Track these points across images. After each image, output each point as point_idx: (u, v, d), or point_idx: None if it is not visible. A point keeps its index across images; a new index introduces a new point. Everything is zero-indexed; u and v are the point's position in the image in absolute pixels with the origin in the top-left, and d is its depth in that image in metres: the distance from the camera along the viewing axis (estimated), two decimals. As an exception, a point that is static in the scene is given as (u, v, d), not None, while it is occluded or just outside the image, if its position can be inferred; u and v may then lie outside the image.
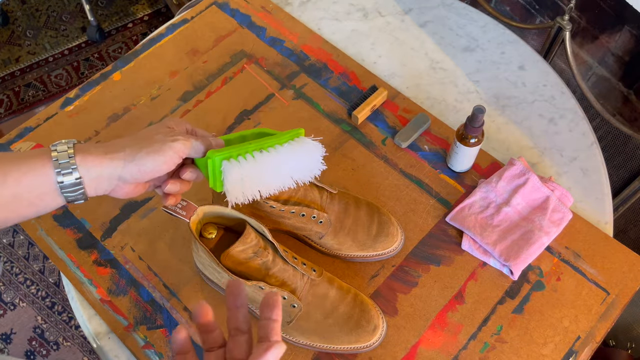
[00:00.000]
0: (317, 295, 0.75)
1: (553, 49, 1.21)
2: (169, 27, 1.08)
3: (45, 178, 0.53)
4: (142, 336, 0.80)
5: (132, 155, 0.55)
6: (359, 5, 1.10)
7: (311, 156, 0.63)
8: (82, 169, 0.54)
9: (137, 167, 0.55)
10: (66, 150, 0.54)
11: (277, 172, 0.60)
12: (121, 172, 0.55)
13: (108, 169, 0.55)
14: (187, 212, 0.69)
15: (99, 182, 0.55)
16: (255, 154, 0.59)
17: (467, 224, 0.83)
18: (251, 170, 0.58)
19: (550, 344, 0.77)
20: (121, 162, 0.55)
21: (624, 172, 1.29)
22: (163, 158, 0.56)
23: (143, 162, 0.55)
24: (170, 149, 0.56)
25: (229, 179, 0.58)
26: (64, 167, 0.53)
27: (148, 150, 0.55)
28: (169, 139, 0.57)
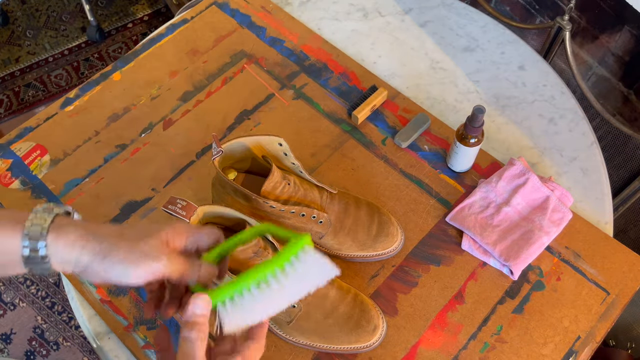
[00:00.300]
0: (317, 295, 0.75)
1: (553, 49, 1.21)
2: (169, 27, 1.08)
3: (12, 248, 0.50)
4: (142, 336, 0.80)
5: (103, 254, 0.50)
6: (359, 5, 1.10)
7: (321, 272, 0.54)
8: (51, 249, 0.50)
9: (102, 269, 0.50)
10: (41, 225, 0.50)
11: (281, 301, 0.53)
12: (86, 265, 0.51)
13: (76, 257, 0.50)
14: (187, 212, 0.69)
15: (65, 265, 0.51)
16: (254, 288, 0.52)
17: (467, 224, 0.83)
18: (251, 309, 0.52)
19: (550, 344, 0.77)
20: (90, 255, 0.50)
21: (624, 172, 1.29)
22: (134, 272, 0.50)
23: (111, 267, 0.50)
24: (146, 266, 0.50)
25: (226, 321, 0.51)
26: (32, 244, 0.50)
27: (121, 258, 0.50)
28: (152, 255, 0.51)
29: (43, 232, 0.50)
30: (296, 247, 0.53)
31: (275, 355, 0.77)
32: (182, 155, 0.94)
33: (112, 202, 0.90)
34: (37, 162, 0.94)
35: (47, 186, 0.92)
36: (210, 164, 0.93)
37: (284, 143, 0.77)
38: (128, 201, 0.90)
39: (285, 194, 0.78)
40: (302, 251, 0.53)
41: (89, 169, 0.93)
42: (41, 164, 0.94)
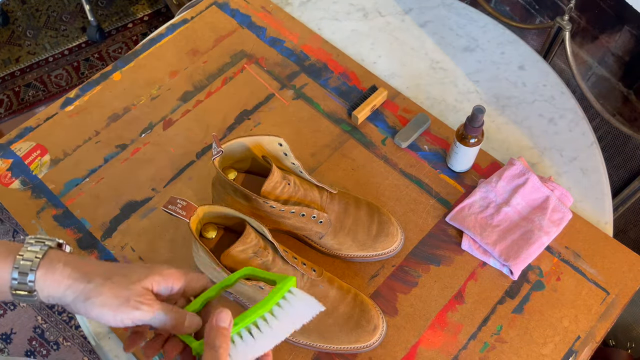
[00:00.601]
0: (317, 295, 0.75)
1: (553, 49, 1.21)
2: (169, 27, 1.08)
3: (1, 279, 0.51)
4: (142, 336, 0.80)
5: (85, 296, 0.51)
6: (359, 5, 1.10)
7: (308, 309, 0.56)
8: (39, 284, 0.51)
9: (83, 309, 0.52)
10: (32, 260, 0.51)
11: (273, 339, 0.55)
12: (69, 303, 0.52)
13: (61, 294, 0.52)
14: (187, 212, 0.69)
15: (50, 299, 0.53)
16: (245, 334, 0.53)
17: (467, 224, 0.83)
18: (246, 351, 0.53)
19: (550, 343, 0.77)
20: (73, 294, 0.52)
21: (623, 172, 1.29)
22: (113, 319, 0.51)
23: (91, 309, 0.51)
24: (125, 313, 0.51)
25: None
26: (22, 278, 0.51)
27: (104, 301, 0.51)
28: (132, 302, 0.51)
29: (33, 267, 0.51)
30: (282, 291, 0.56)
31: (275, 355, 0.77)
32: (182, 155, 0.94)
33: (112, 202, 0.90)
34: (37, 162, 0.94)
35: (47, 186, 0.92)
36: (210, 164, 0.93)
37: (284, 143, 0.77)
38: (128, 201, 0.90)
39: (285, 194, 0.78)
40: (289, 293, 0.56)
41: (89, 169, 0.93)
42: (41, 164, 0.94)
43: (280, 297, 0.56)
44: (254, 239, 0.72)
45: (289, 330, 0.54)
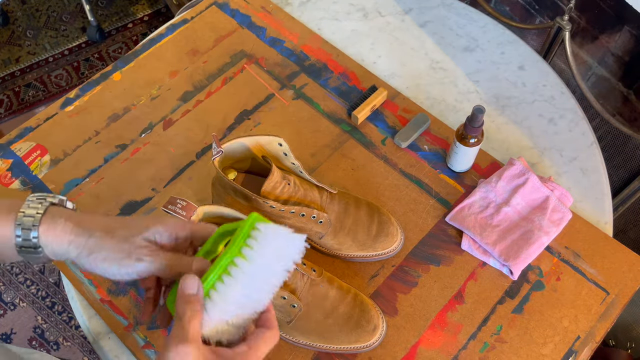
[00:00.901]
0: (317, 295, 0.75)
1: (553, 49, 1.21)
2: (169, 27, 1.08)
3: (5, 236, 0.51)
4: (142, 336, 0.80)
5: (88, 250, 0.51)
6: (359, 5, 1.10)
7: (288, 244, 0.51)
8: (42, 240, 0.51)
9: (88, 264, 0.52)
10: (33, 216, 0.51)
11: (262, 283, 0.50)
12: (74, 258, 0.52)
13: (65, 251, 0.52)
14: (187, 212, 0.69)
15: (57, 256, 0.53)
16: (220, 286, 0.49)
17: (466, 224, 0.83)
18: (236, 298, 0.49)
19: (550, 343, 0.77)
20: (77, 250, 0.51)
21: (623, 172, 1.29)
22: (117, 271, 0.51)
23: (95, 264, 0.51)
24: (128, 267, 0.51)
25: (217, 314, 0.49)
26: (25, 234, 0.51)
27: (106, 255, 0.51)
28: (134, 255, 0.51)
29: (35, 222, 0.51)
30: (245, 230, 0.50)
31: (275, 355, 0.77)
32: (182, 155, 0.94)
33: (112, 202, 0.90)
34: (37, 162, 0.94)
35: (47, 186, 0.92)
36: (210, 164, 0.93)
37: (284, 143, 0.77)
38: (128, 201, 0.90)
39: (285, 194, 0.78)
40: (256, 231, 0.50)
41: (89, 169, 0.93)
42: (41, 164, 0.94)
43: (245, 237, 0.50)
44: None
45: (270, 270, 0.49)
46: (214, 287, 0.49)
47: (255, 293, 0.50)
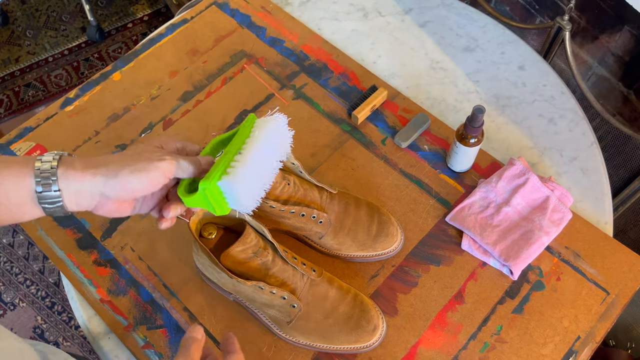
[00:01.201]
0: (317, 295, 0.75)
1: (553, 49, 1.21)
2: (169, 27, 1.08)
3: (24, 186, 0.51)
4: (142, 336, 0.80)
5: (115, 172, 0.53)
6: (359, 5, 1.10)
7: (280, 130, 0.60)
8: (62, 182, 0.52)
9: (120, 185, 0.53)
10: (50, 161, 0.52)
11: (265, 163, 0.58)
12: (103, 188, 0.53)
13: (89, 184, 0.53)
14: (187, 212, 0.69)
15: (79, 197, 0.53)
16: (237, 159, 0.56)
17: (467, 224, 0.83)
18: (245, 176, 0.55)
19: (550, 344, 0.77)
20: (103, 178, 0.53)
21: (624, 172, 1.29)
22: (147, 177, 0.53)
23: (127, 179, 0.53)
24: (155, 169, 0.54)
25: (233, 196, 0.55)
26: (44, 178, 0.51)
27: (132, 168, 0.53)
28: (155, 158, 0.54)
29: (53, 167, 0.52)
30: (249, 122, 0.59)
31: (275, 355, 0.77)
32: (182, 155, 0.94)
33: (112, 202, 0.90)
34: (37, 162, 0.94)
35: (47, 186, 0.92)
36: (210, 164, 0.93)
37: (284, 143, 0.77)
38: (128, 201, 0.90)
39: (285, 194, 0.78)
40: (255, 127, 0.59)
41: (89, 169, 0.93)
42: (41, 164, 0.94)
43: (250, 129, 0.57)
44: (253, 239, 0.72)
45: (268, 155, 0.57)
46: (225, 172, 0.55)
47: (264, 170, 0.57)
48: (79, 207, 0.54)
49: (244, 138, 0.58)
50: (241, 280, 0.70)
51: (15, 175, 0.51)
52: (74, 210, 0.54)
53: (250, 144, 0.57)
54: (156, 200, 0.60)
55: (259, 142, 0.57)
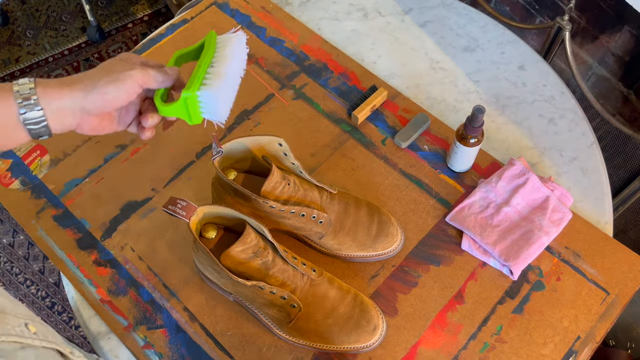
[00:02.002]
0: (317, 295, 0.75)
1: (553, 49, 1.21)
2: (169, 28, 1.08)
3: (8, 111, 0.53)
4: (142, 336, 0.80)
5: (92, 85, 0.55)
6: (359, 5, 1.10)
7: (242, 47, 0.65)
8: (43, 102, 0.53)
9: (99, 96, 0.55)
10: (27, 83, 0.54)
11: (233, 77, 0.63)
12: (82, 102, 0.55)
13: (69, 100, 0.54)
14: (187, 212, 0.69)
15: (61, 116, 0.55)
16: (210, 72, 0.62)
17: (467, 224, 0.83)
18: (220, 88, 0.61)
19: (550, 344, 0.77)
20: (81, 92, 0.55)
21: (624, 172, 1.29)
22: (124, 86, 0.56)
23: (104, 90, 0.55)
24: (129, 78, 0.56)
25: (209, 106, 0.61)
26: (26, 99, 0.53)
27: (107, 79, 0.56)
28: (127, 68, 0.57)
29: (31, 88, 0.53)
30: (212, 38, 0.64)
31: (275, 355, 0.77)
32: (182, 155, 0.94)
33: (112, 202, 0.90)
34: (37, 162, 0.94)
35: (47, 186, 0.92)
36: (210, 164, 0.93)
37: (283, 143, 0.77)
38: (128, 201, 0.90)
39: (285, 194, 0.78)
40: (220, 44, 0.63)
41: (89, 169, 0.93)
42: (41, 164, 0.94)
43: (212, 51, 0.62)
44: (253, 239, 0.72)
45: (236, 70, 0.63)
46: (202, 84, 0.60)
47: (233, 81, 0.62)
48: (63, 126, 0.55)
49: (211, 53, 0.62)
50: (241, 280, 0.70)
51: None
52: (58, 131, 0.55)
53: (220, 60, 0.62)
54: (133, 115, 0.63)
55: (228, 58, 0.62)
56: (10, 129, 0.54)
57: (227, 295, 0.79)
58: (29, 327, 0.44)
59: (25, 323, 0.44)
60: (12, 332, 0.42)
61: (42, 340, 0.45)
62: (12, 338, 0.42)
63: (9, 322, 0.43)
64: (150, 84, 0.59)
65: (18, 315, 0.45)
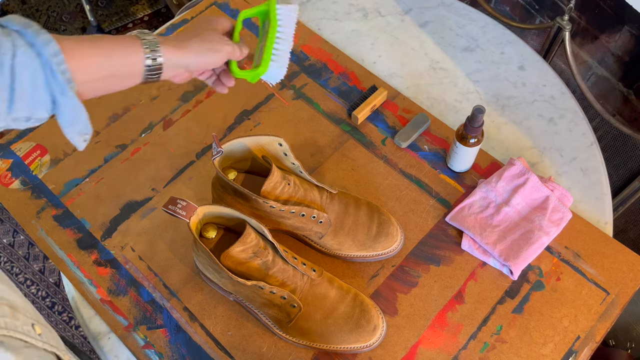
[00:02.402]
0: (317, 295, 0.75)
1: (553, 49, 1.21)
2: (169, 28, 1.08)
3: (136, 58, 0.61)
4: (142, 336, 0.80)
5: (199, 52, 0.66)
6: (358, 5, 1.10)
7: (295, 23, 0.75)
8: (164, 56, 0.63)
9: (202, 61, 0.67)
10: (154, 37, 0.63)
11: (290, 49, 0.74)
12: (189, 62, 0.66)
13: (182, 59, 0.65)
14: (187, 212, 0.69)
15: (171, 69, 0.65)
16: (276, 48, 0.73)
17: (466, 224, 0.83)
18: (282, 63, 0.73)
19: (550, 343, 0.77)
20: (192, 55, 0.65)
21: (623, 172, 1.30)
22: (219, 56, 0.68)
23: (206, 56, 0.67)
24: (224, 50, 0.68)
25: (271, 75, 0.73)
26: (152, 51, 0.62)
27: (209, 47, 0.67)
28: (223, 42, 0.68)
29: (157, 43, 0.62)
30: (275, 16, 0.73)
31: (275, 355, 0.77)
32: (182, 155, 0.94)
33: (112, 202, 0.90)
34: (37, 162, 0.94)
35: (47, 186, 0.92)
36: (210, 164, 0.93)
37: (284, 143, 0.77)
38: (128, 201, 0.90)
39: (285, 194, 0.78)
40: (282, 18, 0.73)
41: (89, 169, 0.93)
42: (41, 164, 0.94)
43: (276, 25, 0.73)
44: (253, 239, 0.72)
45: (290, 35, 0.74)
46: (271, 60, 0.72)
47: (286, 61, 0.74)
48: (166, 76, 0.65)
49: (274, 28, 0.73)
50: (241, 280, 0.70)
51: (130, 51, 0.61)
52: (162, 79, 0.65)
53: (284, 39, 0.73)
54: (210, 73, 0.74)
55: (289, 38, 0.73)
56: (131, 73, 0.62)
57: (227, 295, 0.79)
58: (35, 327, 0.45)
59: (32, 323, 0.45)
60: (20, 329, 0.43)
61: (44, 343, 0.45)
62: (19, 335, 0.43)
63: (19, 319, 0.44)
64: (236, 57, 0.71)
65: (27, 315, 0.45)
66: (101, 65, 0.58)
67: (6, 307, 0.43)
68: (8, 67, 0.51)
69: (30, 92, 0.53)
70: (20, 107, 0.53)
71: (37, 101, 0.54)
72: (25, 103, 0.53)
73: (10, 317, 0.43)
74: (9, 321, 0.42)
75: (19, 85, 0.52)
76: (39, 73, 0.52)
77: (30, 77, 0.52)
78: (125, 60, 0.60)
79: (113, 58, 0.59)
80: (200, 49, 0.67)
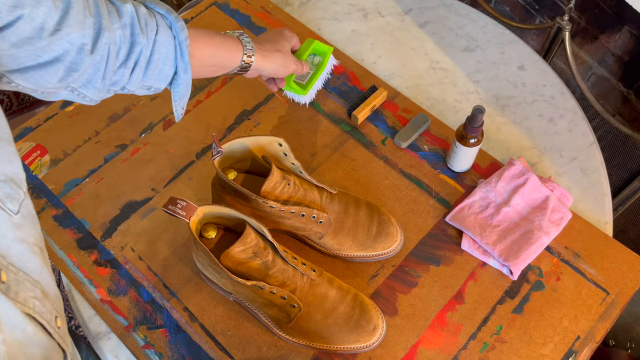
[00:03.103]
0: (317, 295, 0.75)
1: (553, 49, 1.21)
2: (169, 27, 1.08)
3: (237, 57, 0.73)
4: (142, 336, 0.80)
5: (278, 65, 0.79)
6: (358, 6, 1.10)
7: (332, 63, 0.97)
8: (255, 62, 0.75)
9: (275, 72, 0.80)
10: (251, 45, 0.74)
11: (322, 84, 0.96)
12: (266, 70, 0.78)
13: (265, 67, 0.78)
14: (187, 212, 0.69)
15: (254, 71, 0.77)
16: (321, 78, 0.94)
17: (466, 224, 0.83)
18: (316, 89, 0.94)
19: (549, 343, 0.77)
20: (270, 65, 0.78)
21: (623, 172, 1.30)
22: (287, 70, 0.81)
23: (279, 70, 0.80)
24: (291, 69, 0.82)
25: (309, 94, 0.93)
26: (249, 55, 0.74)
27: (283, 63, 0.80)
28: (293, 61, 0.82)
29: (253, 50, 0.75)
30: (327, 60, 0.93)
31: (275, 355, 0.77)
32: (182, 155, 0.94)
33: (112, 202, 0.90)
34: (37, 162, 0.94)
35: (47, 186, 0.92)
36: (210, 164, 0.93)
37: (283, 143, 0.77)
38: (128, 201, 0.90)
39: (285, 194, 0.78)
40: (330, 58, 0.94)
41: (89, 169, 0.93)
42: (41, 164, 0.94)
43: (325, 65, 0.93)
44: (253, 239, 0.72)
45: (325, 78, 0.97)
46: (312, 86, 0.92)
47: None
48: (247, 75, 0.77)
49: (323, 67, 0.92)
50: (241, 280, 0.70)
51: (233, 50, 0.72)
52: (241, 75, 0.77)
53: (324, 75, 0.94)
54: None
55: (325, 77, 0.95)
56: (228, 66, 0.73)
57: (227, 295, 0.79)
58: (57, 320, 0.47)
59: (56, 316, 0.46)
60: (45, 316, 0.44)
61: (60, 337, 0.47)
62: (43, 322, 0.44)
63: (46, 306, 0.45)
64: (297, 74, 0.86)
65: (54, 306, 0.47)
66: (212, 55, 0.70)
67: (39, 291, 0.44)
68: (151, 42, 0.61)
69: (162, 66, 0.64)
70: (151, 76, 0.64)
71: (163, 74, 0.65)
72: (155, 74, 0.64)
73: (40, 301, 0.44)
74: (38, 304, 0.43)
75: (155, 58, 0.62)
76: (171, 51, 0.64)
77: (165, 53, 0.63)
78: (228, 56, 0.72)
79: (221, 51, 0.71)
80: (279, 64, 0.80)
